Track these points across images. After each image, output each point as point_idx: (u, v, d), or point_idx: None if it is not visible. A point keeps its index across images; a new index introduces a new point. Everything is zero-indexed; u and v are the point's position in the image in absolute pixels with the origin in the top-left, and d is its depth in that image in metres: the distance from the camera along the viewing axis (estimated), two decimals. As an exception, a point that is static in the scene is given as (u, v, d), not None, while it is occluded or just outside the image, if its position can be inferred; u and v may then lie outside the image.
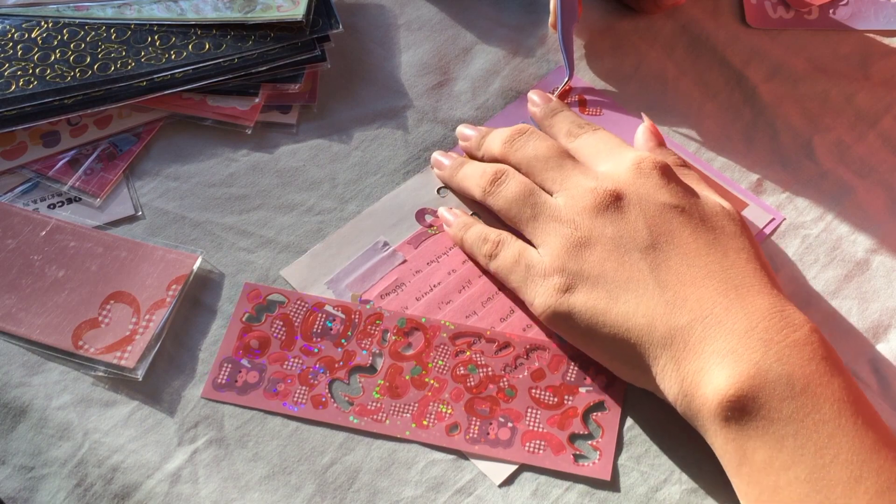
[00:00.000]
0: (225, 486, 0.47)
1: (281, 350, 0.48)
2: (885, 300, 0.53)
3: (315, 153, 0.60)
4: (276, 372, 0.47)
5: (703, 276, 0.45)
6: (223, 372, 0.47)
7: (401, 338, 0.48)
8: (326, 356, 0.47)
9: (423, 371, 0.47)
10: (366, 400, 0.46)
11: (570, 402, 0.47)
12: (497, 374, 0.48)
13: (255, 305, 0.48)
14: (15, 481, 0.47)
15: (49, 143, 0.59)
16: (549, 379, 0.48)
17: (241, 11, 0.62)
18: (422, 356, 0.47)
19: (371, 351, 0.48)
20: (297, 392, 0.47)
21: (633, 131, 0.60)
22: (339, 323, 0.48)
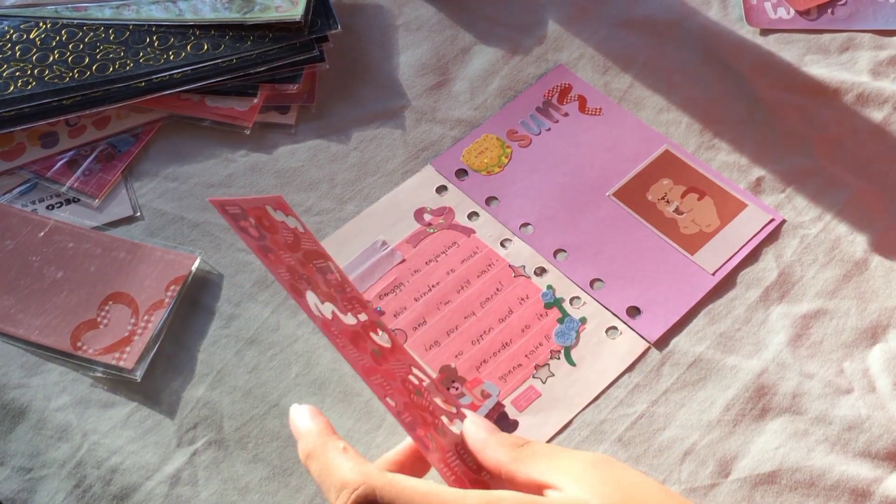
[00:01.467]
0: (225, 488, 0.47)
1: (283, 245, 0.42)
2: (883, 300, 0.53)
3: (314, 153, 0.60)
4: (274, 246, 0.42)
5: None
6: (233, 206, 0.41)
7: (373, 326, 0.43)
8: (314, 279, 0.42)
9: (381, 356, 0.42)
10: (331, 324, 0.41)
11: (486, 477, 0.42)
12: (437, 414, 0.43)
13: (279, 210, 0.43)
14: (14, 482, 0.47)
15: (47, 143, 0.59)
16: (391, 366, 0.43)
17: (240, 12, 0.62)
18: (384, 351, 0.42)
19: (348, 311, 0.42)
20: (284, 269, 0.41)
21: (632, 130, 0.60)
22: (334, 278, 0.43)
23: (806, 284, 0.54)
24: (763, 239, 0.55)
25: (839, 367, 0.51)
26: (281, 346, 0.52)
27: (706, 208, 0.57)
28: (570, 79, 0.63)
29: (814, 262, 0.55)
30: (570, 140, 0.60)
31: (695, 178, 0.58)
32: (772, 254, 0.55)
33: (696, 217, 0.56)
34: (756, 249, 0.55)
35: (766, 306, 0.53)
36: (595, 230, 0.56)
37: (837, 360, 0.51)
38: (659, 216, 0.56)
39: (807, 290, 0.53)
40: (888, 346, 0.51)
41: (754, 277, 0.54)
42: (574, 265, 0.54)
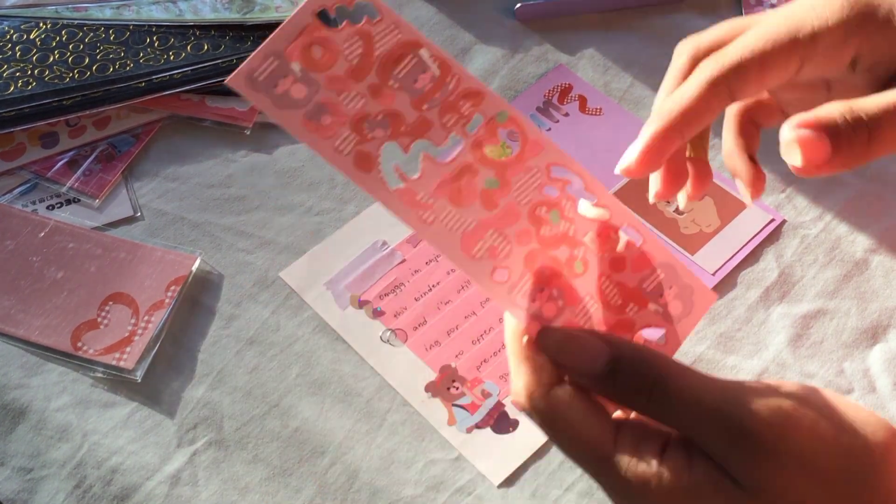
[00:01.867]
0: (225, 488, 0.47)
1: (346, 76, 0.35)
2: (883, 300, 0.53)
3: (314, 153, 0.60)
4: (329, 100, 0.34)
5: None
6: (266, 66, 0.34)
7: (492, 134, 0.37)
8: (395, 111, 0.35)
9: (500, 188, 0.36)
10: (418, 188, 0.35)
11: (631, 312, 0.38)
12: (578, 238, 0.37)
13: (339, 4, 0.35)
14: (14, 483, 0.47)
15: (48, 144, 0.59)
16: (626, 275, 0.38)
17: (240, 12, 0.62)
18: (507, 170, 0.37)
19: (450, 132, 0.36)
20: (344, 137, 0.35)
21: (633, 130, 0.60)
22: (428, 80, 0.36)
23: (806, 284, 0.54)
24: (763, 239, 0.55)
25: (839, 367, 0.51)
26: (281, 346, 0.52)
27: (706, 208, 0.57)
28: (571, 78, 0.63)
29: (814, 262, 0.55)
30: (571, 140, 0.60)
31: (695, 178, 0.58)
32: (772, 254, 0.55)
33: (697, 217, 0.56)
34: (756, 249, 0.55)
35: (766, 306, 0.53)
36: (595, 230, 0.56)
37: (837, 360, 0.51)
38: (659, 216, 0.56)
39: (807, 290, 0.53)
40: (888, 346, 0.51)
41: (754, 277, 0.54)
42: (574, 265, 0.54)
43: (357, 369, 0.51)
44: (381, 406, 0.50)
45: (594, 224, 0.38)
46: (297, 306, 0.53)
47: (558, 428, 0.32)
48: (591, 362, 0.33)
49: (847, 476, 0.31)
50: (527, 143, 0.37)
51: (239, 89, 0.33)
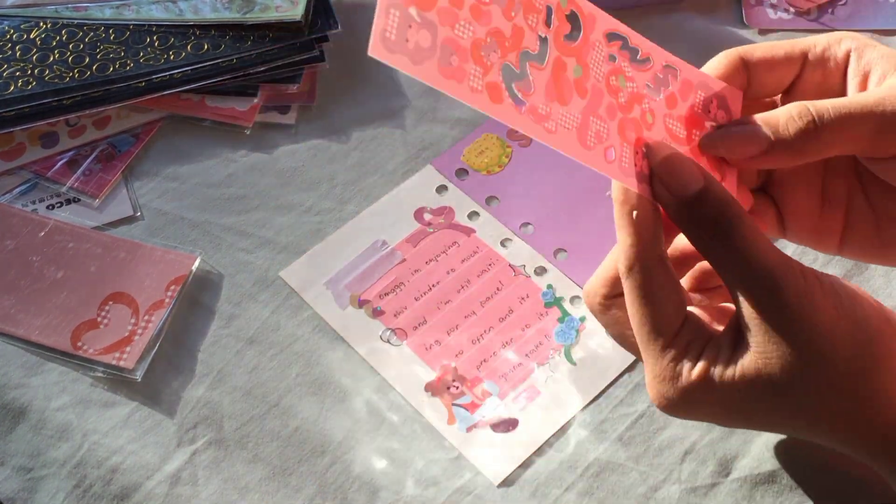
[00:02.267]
0: (225, 488, 0.47)
1: (450, 5, 0.35)
2: (884, 300, 0.53)
3: (314, 153, 0.60)
4: (448, 38, 0.35)
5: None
6: (391, 22, 0.34)
7: (563, 22, 0.38)
8: (495, 28, 0.36)
9: (583, 73, 0.38)
10: (537, 101, 0.36)
11: (696, 136, 0.41)
12: (640, 92, 0.40)
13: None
14: (14, 482, 0.47)
15: (48, 143, 0.59)
16: (680, 107, 0.41)
17: (240, 12, 0.62)
18: (581, 52, 0.38)
19: (537, 33, 0.37)
20: (473, 73, 0.36)
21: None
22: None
23: (806, 284, 0.54)
24: (763, 239, 0.55)
25: (839, 366, 0.51)
26: (281, 346, 0.52)
27: (706, 208, 0.57)
28: (571, 78, 0.63)
29: (814, 261, 0.55)
30: (571, 140, 0.60)
31: (695, 177, 0.58)
32: (772, 253, 0.55)
33: (697, 217, 0.56)
34: (756, 249, 0.55)
35: (766, 306, 0.53)
36: (595, 230, 0.56)
37: (838, 360, 0.51)
38: (659, 216, 0.56)
39: (807, 289, 0.53)
40: (888, 345, 0.51)
41: (754, 277, 0.54)
42: (574, 265, 0.54)
43: (357, 369, 0.51)
44: (381, 406, 0.50)
45: (649, 75, 0.41)
46: (297, 306, 0.53)
47: (647, 290, 0.37)
48: (686, 182, 0.36)
49: (854, 369, 0.35)
50: (585, 18, 0.39)
51: (380, 56, 0.34)
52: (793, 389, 0.35)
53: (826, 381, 0.35)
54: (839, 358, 0.35)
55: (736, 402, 0.36)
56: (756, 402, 0.36)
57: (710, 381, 0.36)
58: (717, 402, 0.37)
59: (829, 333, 0.35)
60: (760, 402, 0.36)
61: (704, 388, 0.36)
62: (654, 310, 0.37)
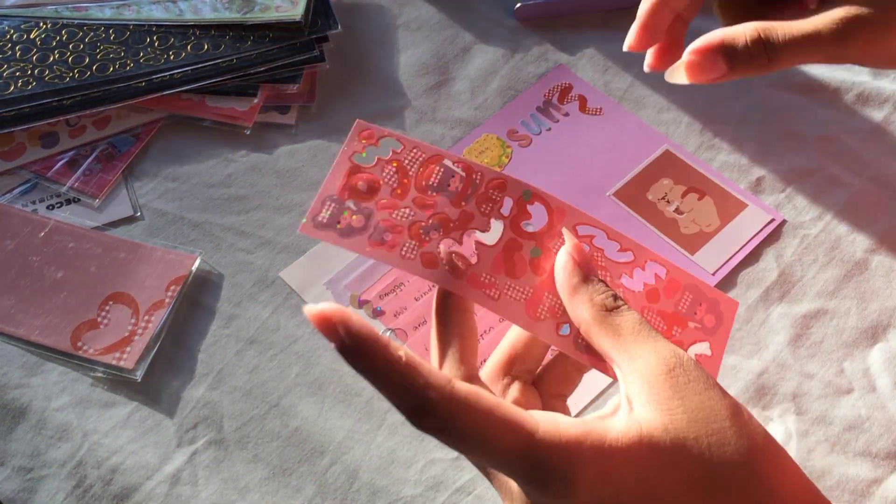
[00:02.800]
0: (225, 488, 0.47)
1: (391, 198, 0.41)
2: (884, 300, 0.53)
3: (314, 153, 0.60)
4: (385, 220, 0.41)
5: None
6: (325, 209, 0.41)
7: (523, 212, 0.42)
8: (441, 213, 0.42)
9: (543, 255, 0.42)
10: (479, 270, 0.41)
11: (677, 334, 0.43)
12: (615, 281, 0.43)
13: (368, 146, 0.42)
14: (14, 482, 0.47)
15: (48, 143, 0.59)
16: (662, 304, 0.44)
17: (240, 12, 0.62)
18: (543, 238, 0.42)
19: (490, 218, 0.42)
20: (406, 245, 0.41)
21: (633, 130, 0.60)
22: (458, 181, 0.42)
23: (806, 284, 0.54)
24: (763, 239, 0.55)
25: (839, 367, 0.51)
26: (281, 346, 0.52)
27: (706, 208, 0.57)
28: (571, 78, 0.63)
29: (814, 262, 0.55)
30: (571, 140, 0.60)
31: (695, 178, 0.58)
32: (772, 254, 0.55)
33: (697, 217, 0.56)
34: (756, 249, 0.55)
35: (766, 306, 0.53)
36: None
37: (837, 360, 0.51)
38: (659, 216, 0.56)
39: (807, 290, 0.53)
40: (888, 346, 0.51)
41: (754, 277, 0.54)
42: (574, 265, 0.54)
43: (357, 369, 0.51)
44: (381, 406, 0.50)
45: (627, 267, 0.43)
46: (297, 306, 0.53)
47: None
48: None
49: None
50: (552, 212, 0.42)
51: (308, 234, 0.39)
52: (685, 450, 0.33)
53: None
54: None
55: (644, 464, 0.33)
56: (665, 460, 0.33)
57: (614, 439, 0.33)
58: (623, 467, 0.33)
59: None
60: (669, 461, 0.33)
61: (610, 452, 0.33)
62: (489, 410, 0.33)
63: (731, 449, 0.33)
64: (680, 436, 0.33)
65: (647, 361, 0.34)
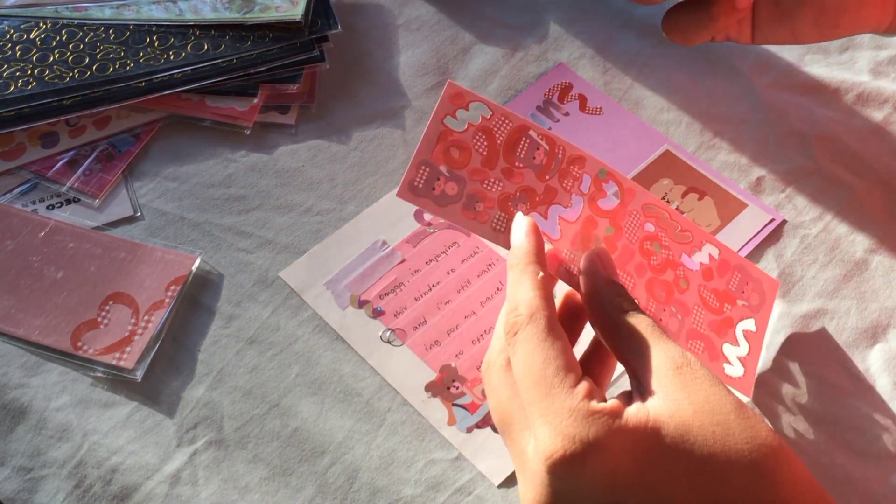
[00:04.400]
0: (225, 488, 0.47)
1: (482, 167, 0.42)
2: (884, 300, 0.53)
3: (314, 153, 0.60)
4: (476, 189, 0.42)
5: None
6: (420, 174, 0.41)
7: (599, 190, 0.44)
8: (528, 187, 0.43)
9: (615, 233, 0.43)
10: (562, 246, 0.42)
11: (728, 311, 0.46)
12: (676, 260, 0.45)
13: (458, 109, 0.42)
14: (14, 482, 0.47)
15: (48, 143, 0.59)
16: (716, 282, 0.46)
17: (240, 12, 0.62)
18: (616, 216, 0.44)
19: (571, 194, 0.43)
20: (497, 217, 0.42)
21: (633, 129, 0.60)
22: (542, 154, 0.43)
23: (806, 284, 0.54)
24: (763, 239, 0.55)
25: (839, 367, 0.51)
26: (281, 346, 0.52)
27: (706, 208, 0.57)
28: (571, 77, 0.63)
29: (814, 262, 0.55)
30: (571, 139, 0.60)
31: (695, 178, 0.58)
32: (772, 254, 0.55)
33: (697, 217, 0.56)
34: (756, 249, 0.55)
35: (766, 306, 0.53)
36: (595, 230, 0.56)
37: (837, 360, 0.51)
38: (659, 216, 0.56)
39: (807, 290, 0.53)
40: (888, 346, 0.51)
41: (754, 277, 0.54)
42: (574, 265, 0.54)
43: (357, 369, 0.51)
44: (381, 406, 0.50)
45: (687, 246, 0.46)
46: (297, 306, 0.53)
47: (553, 332, 0.37)
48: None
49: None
50: (624, 191, 0.44)
51: (405, 199, 0.41)
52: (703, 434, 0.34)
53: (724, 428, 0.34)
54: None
55: (647, 448, 0.34)
56: (668, 445, 0.34)
57: (625, 420, 0.34)
58: (628, 448, 0.34)
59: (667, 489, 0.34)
60: (673, 446, 0.34)
61: (619, 430, 0.34)
62: (563, 347, 0.36)
63: (735, 440, 0.33)
64: (685, 423, 0.34)
65: (657, 360, 0.36)
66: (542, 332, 0.36)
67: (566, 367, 0.35)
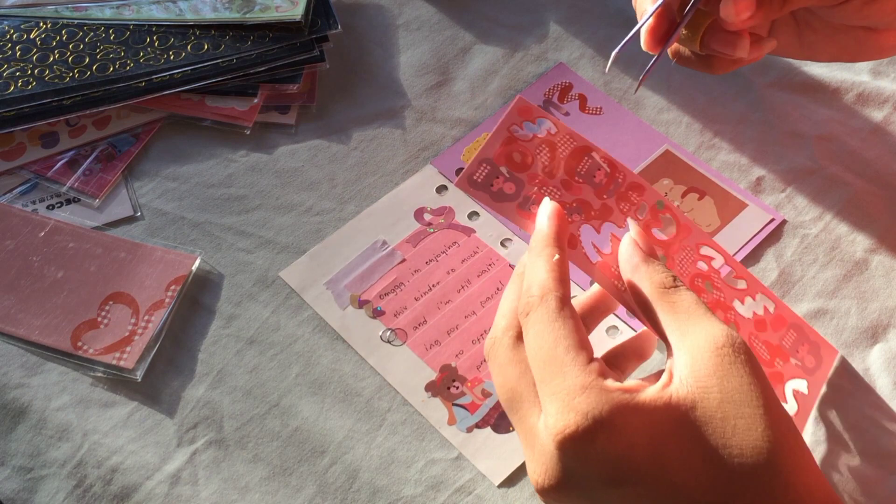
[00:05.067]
0: (225, 488, 0.47)
1: (542, 174, 0.44)
2: (884, 300, 0.53)
3: (314, 153, 0.60)
4: (533, 192, 0.43)
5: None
6: (481, 171, 0.43)
7: (655, 219, 0.45)
8: (584, 200, 0.44)
9: (667, 262, 0.44)
10: (612, 262, 0.43)
11: (779, 366, 0.46)
12: (727, 303, 0.45)
13: (525, 121, 0.44)
14: (14, 482, 0.47)
15: (48, 143, 0.59)
16: (769, 335, 0.46)
17: (240, 12, 0.62)
18: (669, 248, 0.45)
19: (626, 216, 0.44)
20: None
21: (633, 130, 0.60)
22: (602, 175, 0.45)
23: (806, 284, 0.54)
24: (763, 239, 0.55)
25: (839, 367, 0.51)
26: (281, 346, 0.52)
27: (706, 208, 0.57)
28: (571, 77, 0.63)
29: (814, 262, 0.55)
30: (571, 140, 0.60)
31: (695, 177, 0.58)
32: (772, 254, 0.55)
33: (697, 217, 0.56)
34: (756, 249, 0.55)
35: (766, 306, 0.53)
36: (595, 230, 0.56)
37: (837, 360, 0.51)
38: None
39: (807, 289, 0.53)
40: (888, 346, 0.51)
41: (754, 277, 0.54)
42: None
43: (357, 369, 0.51)
44: (381, 406, 0.50)
45: (740, 293, 0.46)
46: (297, 306, 0.53)
47: (566, 312, 0.37)
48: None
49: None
50: (680, 226, 0.45)
51: (463, 189, 0.42)
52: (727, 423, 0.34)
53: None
54: (692, 496, 0.34)
55: (663, 431, 0.34)
56: (686, 431, 0.34)
57: (643, 399, 0.34)
58: (642, 427, 0.34)
59: (679, 477, 0.34)
60: (691, 433, 0.34)
61: (635, 407, 0.34)
62: (575, 326, 0.36)
63: (756, 436, 0.33)
64: (707, 413, 0.33)
65: (697, 337, 0.35)
66: (554, 311, 0.37)
67: (577, 345, 0.36)
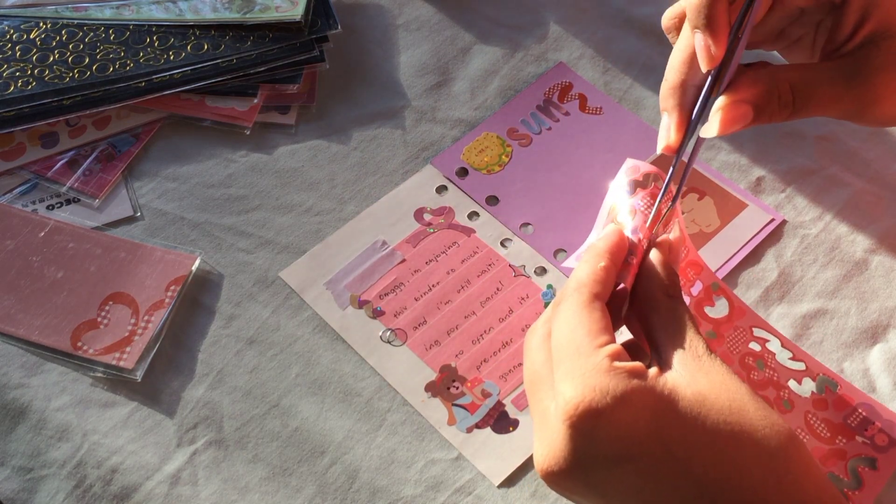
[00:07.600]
0: (225, 488, 0.47)
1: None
2: (884, 300, 0.53)
3: (314, 154, 0.60)
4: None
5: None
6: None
7: (708, 298, 0.45)
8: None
9: (717, 339, 0.45)
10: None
11: (841, 443, 0.46)
12: (781, 382, 0.46)
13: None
14: (14, 482, 0.47)
15: (48, 143, 0.59)
16: (829, 413, 0.46)
17: (240, 12, 0.62)
18: (721, 326, 0.45)
19: (686, 290, 0.45)
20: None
21: (633, 130, 0.60)
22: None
23: (806, 284, 0.54)
24: (763, 239, 0.55)
25: (839, 367, 0.51)
26: (281, 346, 0.52)
27: (706, 208, 0.57)
28: (571, 77, 0.63)
29: (814, 262, 0.55)
30: (571, 139, 0.60)
31: (695, 177, 0.58)
32: (772, 254, 0.55)
33: (697, 217, 0.56)
34: (756, 249, 0.55)
35: (766, 306, 0.53)
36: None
37: (837, 360, 0.51)
38: (659, 216, 0.56)
39: (807, 290, 0.53)
40: (888, 346, 0.51)
41: (755, 277, 0.54)
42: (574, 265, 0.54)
43: (357, 369, 0.51)
44: (381, 406, 0.50)
45: (796, 374, 0.47)
46: (297, 306, 0.53)
47: (590, 303, 0.38)
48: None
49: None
50: (733, 308, 0.45)
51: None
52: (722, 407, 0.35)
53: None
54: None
55: (664, 407, 0.35)
56: (686, 408, 0.35)
57: (647, 379, 0.35)
58: (646, 405, 0.35)
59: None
60: (691, 410, 0.35)
61: (640, 385, 0.35)
62: (600, 317, 0.38)
63: (750, 416, 0.35)
64: (702, 392, 0.35)
65: (682, 344, 0.37)
66: (582, 302, 0.38)
67: (598, 331, 0.37)
